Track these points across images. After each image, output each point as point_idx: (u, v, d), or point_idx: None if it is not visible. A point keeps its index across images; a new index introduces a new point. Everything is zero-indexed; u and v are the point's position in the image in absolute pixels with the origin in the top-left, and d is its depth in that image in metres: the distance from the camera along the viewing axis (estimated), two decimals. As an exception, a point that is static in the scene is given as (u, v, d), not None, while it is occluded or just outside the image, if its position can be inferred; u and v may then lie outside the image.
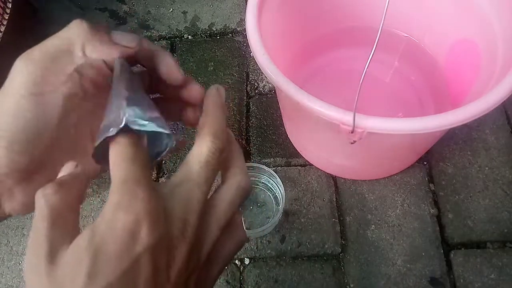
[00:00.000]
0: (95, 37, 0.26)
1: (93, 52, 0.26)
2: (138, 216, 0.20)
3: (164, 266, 0.21)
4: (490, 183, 0.61)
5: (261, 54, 0.45)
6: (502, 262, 0.56)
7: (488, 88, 0.46)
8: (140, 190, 0.21)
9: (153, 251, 0.20)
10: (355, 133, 0.42)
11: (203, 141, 0.24)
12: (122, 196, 0.21)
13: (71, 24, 0.26)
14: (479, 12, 0.53)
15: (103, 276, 0.19)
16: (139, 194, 0.21)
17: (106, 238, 0.20)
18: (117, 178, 0.21)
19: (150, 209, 0.21)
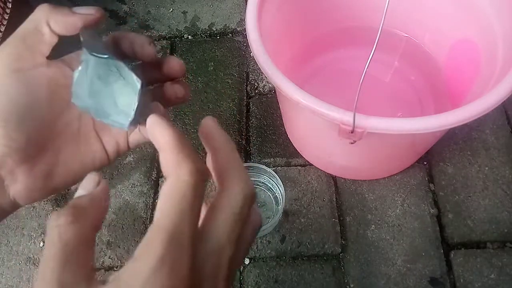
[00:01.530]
0: (57, 12, 0.27)
1: (57, 25, 0.27)
2: (178, 283, 0.18)
3: None
4: (490, 183, 0.61)
5: (261, 54, 0.45)
6: (502, 262, 0.56)
7: (488, 88, 0.46)
8: (185, 251, 0.19)
9: None
10: (355, 133, 0.42)
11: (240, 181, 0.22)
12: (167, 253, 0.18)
13: (36, 8, 0.27)
14: (479, 12, 0.53)
15: None
16: (184, 257, 0.19)
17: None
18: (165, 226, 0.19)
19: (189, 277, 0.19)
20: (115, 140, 0.31)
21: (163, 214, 0.19)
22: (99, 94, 0.28)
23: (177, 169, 0.20)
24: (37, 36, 0.27)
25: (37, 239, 0.62)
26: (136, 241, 0.61)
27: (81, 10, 0.28)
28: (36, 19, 0.27)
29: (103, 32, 0.80)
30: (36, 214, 0.64)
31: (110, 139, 0.31)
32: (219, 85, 0.72)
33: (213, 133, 0.24)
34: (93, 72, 0.27)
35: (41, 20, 0.27)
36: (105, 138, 0.30)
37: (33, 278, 0.59)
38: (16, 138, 0.26)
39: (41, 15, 0.27)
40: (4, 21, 0.64)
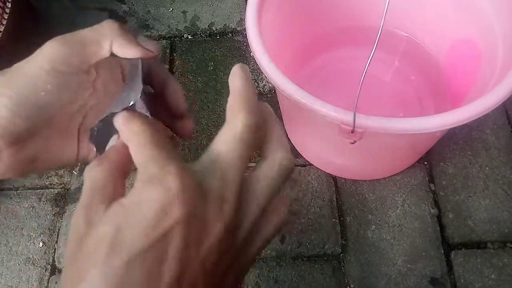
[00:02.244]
0: (124, 36, 0.28)
1: (119, 49, 0.28)
2: (170, 191, 0.20)
3: (195, 242, 0.20)
4: (490, 183, 0.61)
5: (261, 54, 0.45)
6: (503, 262, 0.56)
7: (488, 88, 0.46)
8: (172, 166, 0.21)
9: (185, 226, 0.20)
10: (355, 133, 0.42)
11: (237, 116, 0.23)
12: (153, 171, 0.21)
13: (104, 22, 0.28)
14: (480, 12, 0.53)
15: (126, 248, 0.19)
16: (171, 170, 0.21)
17: (133, 211, 0.20)
18: (145, 156, 0.22)
19: (183, 185, 0.20)
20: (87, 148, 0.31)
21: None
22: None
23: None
24: (95, 49, 0.28)
25: (37, 240, 0.62)
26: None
27: (144, 44, 0.29)
28: (103, 34, 0.28)
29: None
30: (35, 214, 0.64)
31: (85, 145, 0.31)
32: (219, 85, 0.72)
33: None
34: None
35: (107, 37, 0.28)
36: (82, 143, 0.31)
37: (32, 278, 0.59)
38: (18, 124, 0.26)
39: (109, 33, 0.28)
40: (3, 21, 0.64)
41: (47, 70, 0.26)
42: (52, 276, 0.59)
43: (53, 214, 0.64)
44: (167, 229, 0.19)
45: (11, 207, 0.64)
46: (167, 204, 0.20)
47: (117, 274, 0.18)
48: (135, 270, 0.19)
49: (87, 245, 0.20)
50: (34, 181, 0.67)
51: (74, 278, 0.19)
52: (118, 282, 0.18)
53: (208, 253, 0.20)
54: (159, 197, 0.20)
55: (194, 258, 0.20)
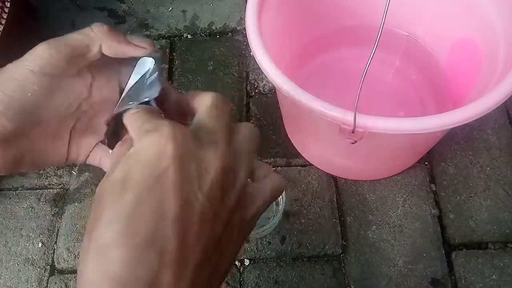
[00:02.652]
0: (112, 36, 0.29)
1: (108, 49, 0.29)
2: (164, 135, 0.23)
3: (194, 176, 0.22)
4: (491, 183, 0.61)
5: (261, 54, 0.45)
6: (504, 263, 0.56)
7: (489, 88, 0.46)
8: (166, 121, 0.24)
9: (180, 163, 0.22)
10: (356, 133, 0.41)
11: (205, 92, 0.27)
12: (149, 127, 0.24)
13: (93, 25, 0.29)
14: (481, 11, 0.53)
15: (134, 187, 0.22)
16: (164, 123, 0.24)
17: (136, 157, 0.23)
18: (138, 122, 0.25)
19: (175, 129, 0.23)
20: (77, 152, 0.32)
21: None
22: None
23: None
24: (84, 53, 0.29)
25: (36, 240, 0.62)
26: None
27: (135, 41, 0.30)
28: (91, 36, 0.29)
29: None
30: (34, 215, 0.63)
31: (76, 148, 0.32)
32: (218, 85, 0.72)
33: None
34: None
35: (95, 40, 0.29)
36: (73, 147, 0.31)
37: (31, 279, 0.59)
38: (4, 124, 0.26)
39: (98, 35, 0.29)
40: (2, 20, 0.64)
41: (34, 72, 0.27)
42: (51, 277, 0.59)
43: (52, 214, 0.63)
44: (165, 166, 0.22)
45: (10, 207, 0.64)
46: (162, 145, 0.22)
47: (128, 208, 0.21)
48: (143, 204, 0.21)
49: (102, 193, 0.23)
50: (33, 181, 0.66)
51: (94, 220, 0.22)
52: (130, 215, 0.21)
53: (210, 187, 0.23)
54: (156, 141, 0.23)
55: (197, 191, 0.22)
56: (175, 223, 0.21)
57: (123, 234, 0.21)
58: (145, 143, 0.23)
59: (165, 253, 0.21)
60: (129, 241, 0.20)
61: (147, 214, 0.21)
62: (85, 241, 0.22)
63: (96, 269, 0.21)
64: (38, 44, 0.28)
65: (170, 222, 0.21)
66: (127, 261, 0.20)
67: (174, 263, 0.21)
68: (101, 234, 0.21)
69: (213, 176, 0.23)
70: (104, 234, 0.21)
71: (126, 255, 0.20)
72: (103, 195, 0.22)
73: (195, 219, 0.22)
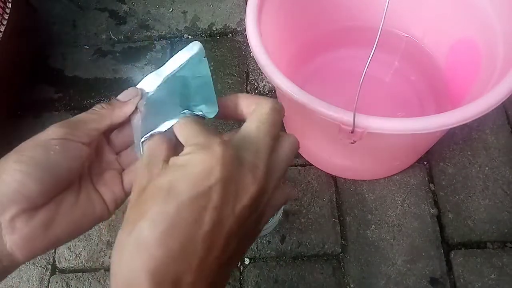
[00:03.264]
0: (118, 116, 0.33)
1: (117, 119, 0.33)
2: (215, 156, 0.24)
3: (232, 200, 0.25)
4: (490, 183, 0.61)
5: (261, 54, 0.45)
6: (502, 262, 0.56)
7: (488, 88, 0.46)
8: (217, 138, 0.26)
9: (223, 186, 0.24)
10: (355, 133, 0.42)
11: (261, 103, 0.29)
12: (202, 140, 0.26)
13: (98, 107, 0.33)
14: (480, 12, 0.53)
15: (179, 195, 0.24)
16: (216, 140, 0.25)
17: (185, 169, 0.25)
18: (194, 130, 0.28)
19: (225, 152, 0.25)
20: (110, 190, 0.33)
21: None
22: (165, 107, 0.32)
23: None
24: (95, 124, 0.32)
25: (37, 239, 0.62)
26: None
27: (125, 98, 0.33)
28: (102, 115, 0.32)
29: (103, 31, 0.80)
30: (36, 214, 0.63)
31: (106, 190, 0.33)
32: (219, 85, 0.72)
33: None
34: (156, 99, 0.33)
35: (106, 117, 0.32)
36: (102, 189, 0.33)
37: (33, 278, 0.59)
38: (31, 186, 0.28)
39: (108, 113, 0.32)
40: (4, 21, 0.64)
41: (54, 138, 0.30)
42: (52, 276, 0.59)
43: (54, 214, 0.64)
44: (209, 186, 0.24)
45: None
46: (211, 166, 0.24)
47: (171, 214, 0.23)
48: (184, 213, 0.24)
49: (147, 193, 0.25)
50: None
51: (135, 217, 0.24)
52: (171, 220, 0.23)
53: (242, 210, 0.25)
54: (206, 159, 0.24)
55: (230, 213, 0.25)
56: (205, 237, 0.24)
57: (164, 237, 0.23)
58: (196, 158, 0.25)
59: (191, 262, 0.24)
60: (168, 243, 0.23)
61: (184, 224, 0.24)
62: (124, 233, 0.24)
63: (136, 260, 0.23)
64: (51, 126, 0.31)
65: (201, 236, 0.24)
66: (163, 260, 0.23)
67: (196, 269, 0.24)
68: (143, 232, 0.23)
69: (246, 201, 0.25)
70: (146, 232, 0.23)
71: (164, 255, 0.23)
72: (145, 195, 0.25)
73: (222, 237, 0.25)
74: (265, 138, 0.27)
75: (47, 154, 0.29)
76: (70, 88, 0.74)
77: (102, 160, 0.34)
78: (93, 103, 0.72)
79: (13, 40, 0.65)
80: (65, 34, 0.80)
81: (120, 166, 0.35)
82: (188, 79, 0.32)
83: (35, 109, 0.72)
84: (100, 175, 0.33)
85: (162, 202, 0.24)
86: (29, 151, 0.29)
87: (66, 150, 0.30)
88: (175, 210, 0.24)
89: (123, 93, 0.34)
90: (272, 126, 0.28)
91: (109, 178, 0.34)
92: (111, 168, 0.34)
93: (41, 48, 0.78)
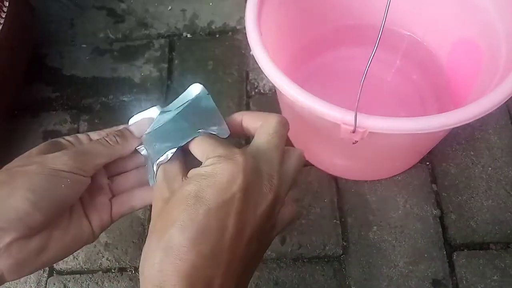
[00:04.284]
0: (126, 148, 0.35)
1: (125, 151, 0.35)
2: (238, 166, 0.26)
3: (252, 206, 0.27)
4: (493, 183, 0.60)
5: (261, 53, 0.45)
6: (505, 264, 0.55)
7: (491, 87, 0.46)
8: (236, 149, 0.28)
9: (245, 193, 0.26)
10: (356, 133, 0.41)
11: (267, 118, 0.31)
12: (222, 152, 0.28)
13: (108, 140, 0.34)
14: (482, 11, 0.53)
15: (207, 201, 0.26)
16: (236, 151, 0.28)
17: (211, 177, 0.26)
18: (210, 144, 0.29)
19: (246, 162, 0.27)
20: (99, 216, 0.35)
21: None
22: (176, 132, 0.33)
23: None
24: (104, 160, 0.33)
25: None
26: (134, 242, 0.60)
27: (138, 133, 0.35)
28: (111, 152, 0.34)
29: (101, 30, 0.79)
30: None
31: (95, 216, 0.34)
32: (218, 84, 0.71)
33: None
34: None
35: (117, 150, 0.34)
36: (91, 215, 0.34)
37: (30, 280, 0.59)
38: (35, 217, 0.29)
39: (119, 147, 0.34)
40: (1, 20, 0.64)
41: (65, 170, 0.31)
42: (50, 278, 0.59)
43: (51, 215, 0.63)
44: (233, 193, 0.26)
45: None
46: (235, 174, 0.26)
47: (200, 219, 0.25)
48: (212, 219, 0.25)
49: (173, 202, 0.27)
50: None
51: (164, 225, 0.26)
52: (200, 224, 0.25)
53: (261, 216, 0.27)
54: (230, 169, 0.26)
55: (252, 218, 0.27)
56: (231, 242, 0.26)
57: (194, 242, 0.25)
58: (220, 167, 0.27)
59: (220, 264, 0.26)
60: (199, 248, 0.25)
61: (212, 229, 0.25)
62: (153, 240, 0.26)
63: (167, 264, 0.25)
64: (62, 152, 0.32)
65: (227, 240, 0.26)
66: (195, 264, 0.25)
67: (224, 272, 0.26)
68: (174, 237, 0.25)
69: (264, 207, 0.27)
70: (176, 237, 0.25)
71: (195, 260, 0.25)
72: (171, 204, 0.27)
73: (244, 240, 0.27)
74: (276, 150, 0.29)
75: (58, 186, 0.30)
76: (68, 87, 0.74)
77: (95, 183, 0.35)
78: (91, 102, 0.71)
79: (11, 38, 0.65)
80: (63, 32, 0.80)
81: (110, 193, 0.36)
82: (196, 111, 0.35)
83: (33, 108, 0.72)
84: (91, 199, 0.35)
85: (191, 209, 0.25)
86: (41, 181, 0.29)
87: (74, 184, 0.31)
88: (204, 216, 0.25)
89: (136, 126, 0.35)
90: (280, 139, 0.30)
91: (99, 204, 0.35)
92: (102, 194, 0.35)
93: (38, 47, 0.78)
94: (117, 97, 0.72)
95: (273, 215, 0.29)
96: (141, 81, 0.73)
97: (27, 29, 0.73)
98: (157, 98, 0.71)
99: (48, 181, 0.30)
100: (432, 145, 0.58)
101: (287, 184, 0.30)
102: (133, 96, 0.72)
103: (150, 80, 0.73)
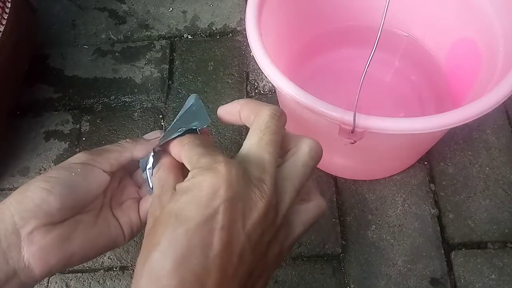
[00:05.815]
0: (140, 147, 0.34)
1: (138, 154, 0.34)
2: (219, 177, 0.24)
3: (239, 217, 0.24)
4: (491, 183, 0.61)
5: (261, 54, 0.45)
6: (503, 263, 0.56)
7: (489, 88, 0.46)
8: (220, 157, 0.25)
9: (229, 205, 0.24)
10: (355, 133, 0.42)
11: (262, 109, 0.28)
12: (205, 162, 0.26)
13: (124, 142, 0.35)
14: (480, 11, 0.53)
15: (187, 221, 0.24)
16: (219, 159, 0.25)
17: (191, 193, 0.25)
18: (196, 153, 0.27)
19: (229, 171, 0.24)
20: (127, 215, 0.35)
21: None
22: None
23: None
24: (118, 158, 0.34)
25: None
26: (135, 241, 0.60)
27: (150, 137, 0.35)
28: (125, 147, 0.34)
29: (103, 31, 0.80)
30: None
31: (122, 214, 0.35)
32: (219, 85, 0.72)
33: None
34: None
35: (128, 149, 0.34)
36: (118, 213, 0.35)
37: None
38: (51, 202, 0.29)
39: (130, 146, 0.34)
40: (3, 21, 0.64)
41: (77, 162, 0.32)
42: (52, 276, 0.59)
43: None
44: (215, 208, 0.24)
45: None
46: (216, 187, 0.24)
47: (180, 240, 0.23)
48: (194, 238, 0.23)
49: (159, 222, 0.25)
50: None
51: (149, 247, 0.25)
52: (181, 247, 0.23)
53: (252, 227, 0.24)
54: (211, 181, 0.24)
55: (240, 231, 0.24)
56: (218, 260, 0.23)
57: (176, 266, 0.23)
58: (200, 181, 0.25)
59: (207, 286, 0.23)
60: (180, 273, 0.23)
61: (195, 250, 0.23)
62: (140, 261, 0.25)
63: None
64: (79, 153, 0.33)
65: (213, 259, 0.23)
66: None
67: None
68: (156, 261, 0.24)
69: (256, 217, 0.25)
70: (158, 262, 0.23)
71: (176, 285, 0.23)
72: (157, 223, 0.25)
73: (235, 256, 0.24)
74: (268, 149, 0.27)
75: (69, 174, 0.31)
76: (70, 87, 0.74)
77: (124, 192, 0.36)
78: (93, 102, 0.71)
79: (13, 39, 0.65)
80: (65, 33, 0.80)
81: (139, 196, 0.36)
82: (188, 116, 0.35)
83: (34, 109, 0.72)
84: (120, 204, 0.35)
85: (172, 230, 0.24)
86: (53, 173, 0.31)
87: (86, 172, 0.32)
88: (184, 237, 0.23)
89: (149, 133, 0.36)
90: (274, 135, 0.27)
91: (127, 205, 0.35)
92: (131, 198, 0.36)
93: (40, 48, 0.78)
94: (118, 97, 0.72)
95: (271, 226, 0.26)
96: (142, 81, 0.74)
97: (29, 30, 0.74)
98: (158, 99, 0.72)
99: (59, 172, 0.31)
100: (430, 145, 0.59)
101: (290, 185, 0.26)
102: (134, 97, 0.72)
103: (151, 80, 0.74)
